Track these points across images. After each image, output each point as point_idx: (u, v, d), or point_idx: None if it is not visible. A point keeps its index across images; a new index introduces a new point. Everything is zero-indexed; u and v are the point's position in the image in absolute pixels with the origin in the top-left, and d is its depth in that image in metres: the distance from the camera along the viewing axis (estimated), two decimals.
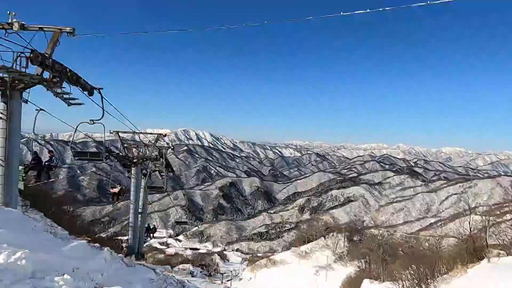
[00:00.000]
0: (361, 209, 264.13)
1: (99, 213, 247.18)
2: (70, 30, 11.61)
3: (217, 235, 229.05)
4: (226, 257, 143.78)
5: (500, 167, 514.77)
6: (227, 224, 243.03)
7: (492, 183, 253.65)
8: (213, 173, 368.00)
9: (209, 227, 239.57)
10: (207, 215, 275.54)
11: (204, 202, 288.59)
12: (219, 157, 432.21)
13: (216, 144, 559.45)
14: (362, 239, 72.59)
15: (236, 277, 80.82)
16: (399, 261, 31.32)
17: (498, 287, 15.59)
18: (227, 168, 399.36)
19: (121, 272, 6.65)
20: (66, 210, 27.10)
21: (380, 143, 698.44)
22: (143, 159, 23.82)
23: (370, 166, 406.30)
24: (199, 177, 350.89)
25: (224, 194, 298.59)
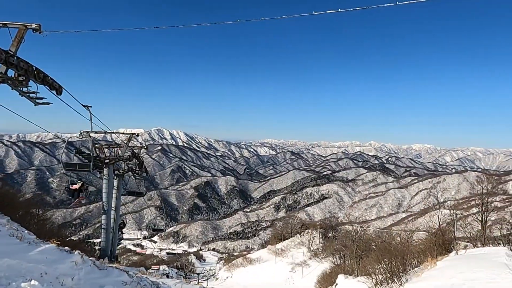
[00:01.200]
0: (336, 205, 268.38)
1: (70, 215, 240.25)
2: (36, 27, 11.13)
3: (193, 235, 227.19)
4: (202, 257, 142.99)
5: (466, 162, 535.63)
6: (202, 224, 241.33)
7: (459, 178, 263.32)
8: (188, 172, 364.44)
9: (184, 227, 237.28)
10: (183, 215, 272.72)
11: (179, 202, 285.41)
12: (194, 156, 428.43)
13: (190, 144, 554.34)
14: (336, 235, 73.78)
15: (212, 276, 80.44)
16: (373, 256, 31.94)
17: (465, 278, 16.17)
18: (202, 167, 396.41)
19: (92, 275, 6.46)
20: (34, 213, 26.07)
21: (353, 140, 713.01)
22: (116, 159, 23.25)
23: (344, 163, 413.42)
24: (173, 177, 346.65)
25: (199, 193, 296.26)
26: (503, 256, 19.02)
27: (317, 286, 45.58)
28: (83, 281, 6.21)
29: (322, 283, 43.92)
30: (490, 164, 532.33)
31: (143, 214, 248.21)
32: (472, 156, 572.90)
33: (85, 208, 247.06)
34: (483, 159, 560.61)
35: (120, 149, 23.41)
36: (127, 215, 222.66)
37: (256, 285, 55.14)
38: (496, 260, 18.35)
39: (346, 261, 46.11)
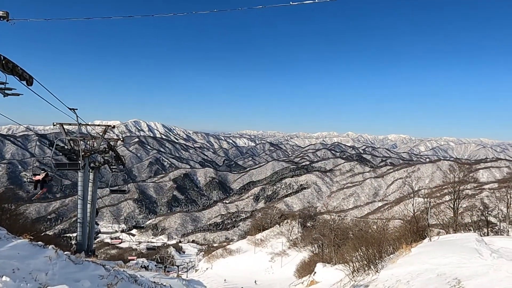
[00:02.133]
0: (314, 196, 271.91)
1: (45, 210, 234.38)
2: (2, 15, 10.62)
3: (172, 227, 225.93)
4: (181, 249, 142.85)
5: (440, 152, 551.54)
6: (182, 216, 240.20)
7: (433, 167, 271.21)
8: (167, 164, 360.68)
9: (163, 219, 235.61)
10: (161, 207, 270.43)
11: (157, 195, 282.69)
12: (172, 148, 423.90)
13: (168, 135, 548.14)
14: (315, 224, 74.77)
15: (192, 268, 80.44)
16: (350, 244, 32.62)
17: (438, 263, 16.74)
18: (181, 159, 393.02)
19: (67, 270, 6.32)
20: (6, 208, 25.22)
21: (331, 131, 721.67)
22: (91, 152, 22.71)
23: (322, 154, 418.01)
24: (152, 169, 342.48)
25: (178, 185, 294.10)
26: (473, 242, 19.78)
27: (296, 274, 46.27)
28: (57, 276, 6.07)
29: (301, 271, 44.61)
30: (462, 153, 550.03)
31: (121, 207, 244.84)
32: (445, 146, 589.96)
33: (60, 202, 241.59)
34: (455, 149, 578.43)
35: (96, 142, 22.86)
36: (104, 208, 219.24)
37: (236, 276, 55.50)
38: (467, 245, 19.07)
39: (324, 249, 46.92)
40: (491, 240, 22.17)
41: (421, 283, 14.94)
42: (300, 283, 36.30)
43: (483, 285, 12.44)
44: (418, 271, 16.70)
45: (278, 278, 51.03)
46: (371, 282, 19.52)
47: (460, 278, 13.63)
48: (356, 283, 21.60)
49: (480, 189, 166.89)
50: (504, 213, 37.57)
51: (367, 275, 21.91)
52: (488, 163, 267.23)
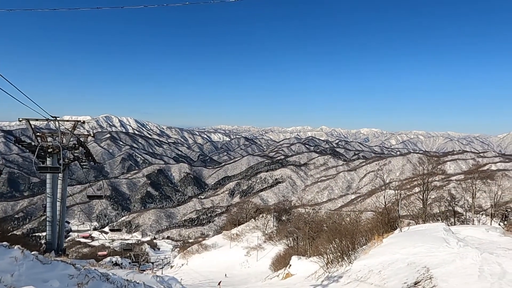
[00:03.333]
0: (289, 189, 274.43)
1: (12, 209, 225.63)
2: None
3: (146, 224, 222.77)
4: (156, 246, 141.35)
5: (410, 145, 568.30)
6: (156, 212, 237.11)
7: (403, 160, 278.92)
8: (140, 160, 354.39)
9: (137, 216, 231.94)
10: (135, 204, 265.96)
11: (131, 191, 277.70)
12: (146, 144, 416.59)
13: (141, 131, 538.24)
14: (290, 218, 75.66)
15: (167, 265, 79.76)
16: (324, 236, 33.17)
17: (408, 252, 17.29)
18: (155, 155, 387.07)
19: (35, 270, 6.09)
20: None
21: (305, 126, 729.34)
22: (60, 148, 21.96)
23: (296, 148, 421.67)
24: (124, 166, 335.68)
25: (152, 181, 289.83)
26: (441, 231, 20.53)
27: (271, 268, 46.69)
28: (24, 277, 5.85)
29: (276, 265, 45.03)
30: (430, 146, 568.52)
31: (93, 204, 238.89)
32: (415, 139, 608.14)
33: (28, 200, 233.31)
34: (424, 142, 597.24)
35: (65, 137, 22.12)
36: (74, 206, 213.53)
37: (212, 271, 55.40)
38: (435, 235, 19.78)
39: (299, 242, 47.52)
40: (457, 230, 23.08)
41: (392, 272, 15.39)
42: (276, 276, 36.64)
43: (450, 272, 12.95)
44: (389, 261, 17.18)
45: (254, 271, 51.31)
46: (344, 273, 19.94)
47: (428, 266, 14.13)
48: (330, 274, 22.01)
49: (448, 181, 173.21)
50: (469, 203, 39.08)
51: (340, 266, 22.38)
52: (455, 155, 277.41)
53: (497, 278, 11.15)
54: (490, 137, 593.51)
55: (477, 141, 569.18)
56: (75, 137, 22.58)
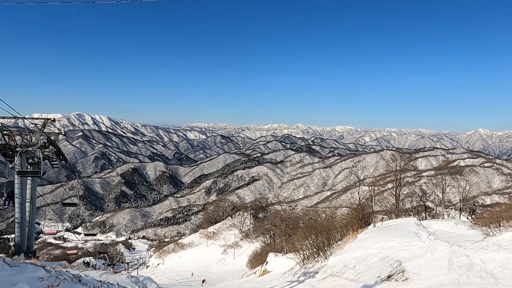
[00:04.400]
0: (265, 187, 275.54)
1: None
2: None
3: (120, 224, 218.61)
4: (131, 246, 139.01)
5: (383, 142, 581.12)
6: (131, 212, 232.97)
7: (377, 156, 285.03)
8: (114, 159, 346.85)
9: (111, 216, 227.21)
10: (109, 204, 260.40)
11: (104, 191, 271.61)
12: (120, 142, 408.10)
13: (115, 129, 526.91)
14: (266, 215, 75.95)
15: (143, 265, 78.56)
16: (300, 233, 33.51)
17: (382, 247, 17.72)
18: (129, 153, 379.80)
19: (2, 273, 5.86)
20: None
21: (281, 123, 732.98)
22: (29, 147, 21.20)
23: (273, 146, 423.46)
24: (97, 164, 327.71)
25: (126, 180, 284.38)
26: (413, 226, 21.14)
27: (248, 265, 46.81)
28: None
29: (253, 262, 45.18)
30: (403, 143, 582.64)
31: None
32: (388, 136, 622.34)
33: None
34: (397, 139, 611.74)
35: (34, 136, 21.36)
36: (45, 207, 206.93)
37: (189, 270, 55.03)
38: (407, 230, 20.35)
39: (276, 239, 47.84)
40: (428, 224, 23.83)
41: (366, 267, 15.74)
42: (253, 273, 36.75)
43: (421, 265, 13.37)
44: (363, 256, 17.56)
45: (231, 269, 51.33)
46: (320, 268, 20.23)
47: (401, 260, 14.54)
48: (306, 270, 22.28)
49: (419, 177, 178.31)
50: (440, 198, 40.42)
51: (316, 262, 22.68)
52: (426, 152, 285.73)
53: (465, 270, 11.60)
54: (459, 134, 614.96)
55: (447, 138, 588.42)
56: (45, 135, 21.87)
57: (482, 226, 20.28)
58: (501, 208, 26.37)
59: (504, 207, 26.84)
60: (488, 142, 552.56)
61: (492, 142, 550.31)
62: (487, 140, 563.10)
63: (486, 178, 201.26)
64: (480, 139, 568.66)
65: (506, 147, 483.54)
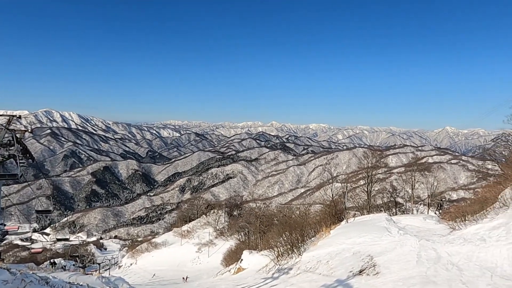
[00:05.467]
0: (240, 184, 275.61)
1: None
2: None
3: (91, 223, 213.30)
4: (103, 246, 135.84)
5: (355, 139, 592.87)
6: (102, 211, 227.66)
7: (349, 154, 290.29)
8: (84, 157, 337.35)
9: (82, 216, 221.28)
10: (79, 203, 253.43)
11: (74, 190, 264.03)
12: (90, 140, 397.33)
13: (85, 126, 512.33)
14: (241, 213, 76.08)
15: (115, 265, 77.07)
16: (275, 230, 33.76)
17: (354, 242, 18.10)
18: (100, 151, 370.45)
19: None
20: None
21: (256, 121, 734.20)
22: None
23: (247, 143, 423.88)
24: (67, 163, 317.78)
25: (97, 179, 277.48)
26: (384, 221, 21.70)
27: (223, 263, 46.74)
28: None
29: (228, 260, 45.14)
30: (374, 140, 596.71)
31: (32, 205, 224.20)
32: (360, 134, 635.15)
33: None
34: (368, 137, 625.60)
35: None
36: (12, 207, 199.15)
37: (162, 269, 54.46)
38: (378, 225, 20.87)
39: (251, 237, 47.94)
40: (398, 219, 24.55)
41: (339, 262, 16.04)
42: (227, 271, 36.76)
43: (392, 259, 13.75)
44: (336, 251, 17.88)
45: (206, 268, 51.13)
46: (294, 264, 20.46)
47: (372, 254, 14.90)
48: (281, 266, 22.48)
49: (390, 173, 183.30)
50: (409, 194, 41.68)
51: (291, 259, 22.93)
52: (397, 149, 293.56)
53: (432, 263, 12.02)
54: (428, 132, 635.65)
55: (416, 135, 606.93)
56: (10, 133, 20.99)
57: (448, 221, 21.05)
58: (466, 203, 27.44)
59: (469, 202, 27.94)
60: (455, 140, 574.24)
61: (459, 139, 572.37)
62: (454, 138, 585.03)
63: (453, 174, 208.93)
64: (448, 137, 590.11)
65: (472, 144, 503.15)
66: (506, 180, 18.74)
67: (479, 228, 14.55)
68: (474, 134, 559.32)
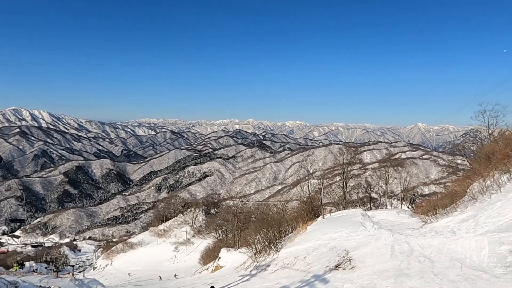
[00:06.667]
0: (217, 182, 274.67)
1: None
2: None
3: (64, 225, 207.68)
4: (77, 248, 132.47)
5: (331, 136, 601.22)
6: (76, 212, 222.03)
7: (325, 151, 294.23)
8: (56, 157, 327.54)
9: (54, 217, 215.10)
10: (51, 204, 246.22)
11: (46, 191, 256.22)
12: (62, 139, 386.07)
13: (57, 125, 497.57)
14: (218, 211, 75.81)
15: (90, 266, 75.36)
16: (252, 227, 33.79)
17: (330, 237, 18.36)
18: (73, 151, 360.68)
19: None
20: None
21: (233, 118, 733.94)
22: None
23: (224, 141, 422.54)
24: (37, 163, 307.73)
25: (70, 179, 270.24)
26: (359, 216, 22.10)
27: (201, 262, 46.50)
28: None
29: (205, 258, 44.94)
30: (349, 137, 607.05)
31: (1, 206, 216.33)
32: (335, 131, 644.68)
33: None
34: (344, 133, 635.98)
35: None
36: None
37: (138, 269, 53.67)
38: (354, 220, 21.23)
39: (228, 235, 47.86)
40: (373, 214, 25.04)
41: (316, 257, 16.24)
42: (205, 270, 36.59)
43: (367, 253, 14.03)
44: (313, 247, 18.09)
45: (183, 267, 50.75)
46: (272, 261, 20.57)
47: (348, 249, 15.16)
48: (258, 263, 22.55)
49: (365, 169, 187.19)
50: (383, 189, 42.58)
51: (268, 255, 23.02)
52: (371, 145, 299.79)
53: (406, 256, 12.35)
54: (401, 128, 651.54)
55: (390, 132, 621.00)
56: None
57: (421, 214, 21.64)
58: (438, 197, 28.30)
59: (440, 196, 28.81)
60: (426, 136, 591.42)
61: (430, 135, 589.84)
62: (425, 134, 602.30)
63: (425, 169, 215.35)
64: (420, 133, 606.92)
65: (442, 140, 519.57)
66: (474, 175, 19.43)
67: (450, 221, 15.04)
68: (445, 130, 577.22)
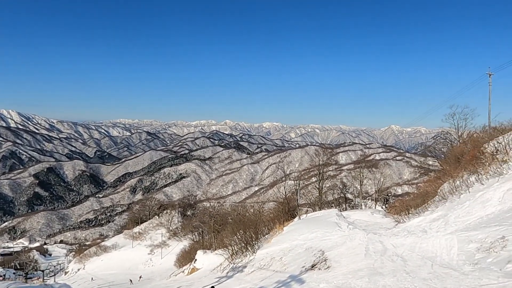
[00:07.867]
0: (194, 184, 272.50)
1: None
2: None
3: (34, 228, 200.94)
4: (47, 252, 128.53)
5: (307, 138, 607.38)
6: (46, 215, 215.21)
7: (302, 152, 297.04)
8: (25, 158, 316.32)
9: (23, 220, 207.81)
10: (20, 207, 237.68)
11: (14, 193, 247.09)
12: (32, 139, 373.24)
13: (26, 125, 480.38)
14: (195, 213, 75.24)
15: (61, 271, 73.31)
16: (229, 229, 33.74)
17: (306, 238, 18.55)
18: (43, 151, 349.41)
19: None
20: None
21: (209, 119, 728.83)
22: None
23: (201, 142, 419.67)
24: (5, 164, 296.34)
25: (40, 181, 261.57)
26: (334, 216, 22.44)
27: (177, 264, 46.02)
28: None
29: (181, 261, 44.51)
30: (325, 138, 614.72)
31: None
32: (312, 132, 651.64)
33: None
34: (320, 135, 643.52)
35: None
36: None
37: (112, 273, 52.59)
38: (329, 220, 21.53)
39: (205, 236, 47.61)
40: (348, 214, 25.47)
41: (292, 258, 16.37)
42: (181, 272, 36.26)
43: (342, 253, 14.25)
44: (289, 248, 18.22)
45: (159, 269, 50.11)
46: (248, 262, 20.58)
47: (324, 249, 15.35)
48: (235, 265, 22.52)
49: (340, 170, 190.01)
50: (358, 189, 43.43)
51: (245, 257, 23.03)
52: (346, 147, 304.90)
53: (379, 255, 12.62)
54: (375, 130, 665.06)
55: (364, 133, 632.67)
56: None
57: (394, 214, 22.20)
58: (410, 197, 29.11)
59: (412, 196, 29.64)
60: (400, 138, 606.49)
61: (403, 137, 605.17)
62: (398, 136, 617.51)
63: (398, 170, 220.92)
64: (393, 135, 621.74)
65: (415, 142, 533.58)
66: (445, 175, 20.09)
67: (421, 220, 15.49)
68: (417, 132, 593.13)
